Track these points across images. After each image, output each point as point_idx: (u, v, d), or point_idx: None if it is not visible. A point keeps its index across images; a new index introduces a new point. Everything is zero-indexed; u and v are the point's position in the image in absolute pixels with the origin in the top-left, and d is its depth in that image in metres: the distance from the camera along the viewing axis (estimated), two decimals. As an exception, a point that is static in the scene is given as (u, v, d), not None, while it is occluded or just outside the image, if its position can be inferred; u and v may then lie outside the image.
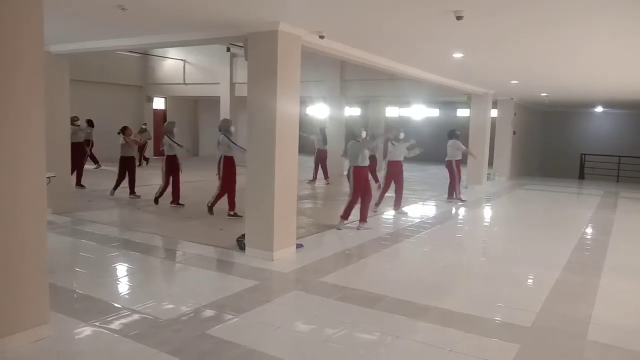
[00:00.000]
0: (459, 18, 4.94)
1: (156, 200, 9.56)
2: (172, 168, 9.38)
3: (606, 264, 6.40)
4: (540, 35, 6.09)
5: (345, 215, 8.02)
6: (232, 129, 8.65)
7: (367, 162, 7.90)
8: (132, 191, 10.36)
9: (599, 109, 20.94)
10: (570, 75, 9.52)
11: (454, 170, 11.17)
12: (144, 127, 16.64)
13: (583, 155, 20.03)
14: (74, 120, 11.40)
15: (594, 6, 4.64)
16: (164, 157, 9.45)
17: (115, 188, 10.47)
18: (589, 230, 8.89)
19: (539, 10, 4.91)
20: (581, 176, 19.63)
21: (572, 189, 15.91)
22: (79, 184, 11.52)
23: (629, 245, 7.73)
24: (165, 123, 9.85)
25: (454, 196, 11.29)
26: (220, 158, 8.48)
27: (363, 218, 8.00)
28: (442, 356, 3.65)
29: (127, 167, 10.39)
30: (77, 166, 11.17)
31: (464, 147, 11.42)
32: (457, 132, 11.38)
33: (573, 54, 7.16)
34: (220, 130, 8.62)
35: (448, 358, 3.62)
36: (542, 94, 14.59)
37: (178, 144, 9.43)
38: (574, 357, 3.73)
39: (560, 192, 14.49)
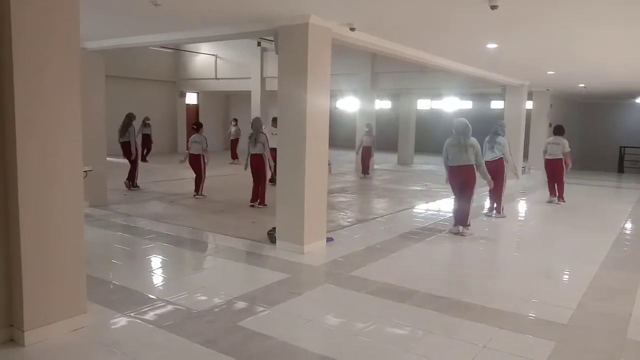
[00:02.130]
0: (493, 7, 4.83)
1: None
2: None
3: (647, 260, 6.19)
4: (580, 23, 5.90)
5: (466, 220, 7.28)
6: (264, 127, 8.86)
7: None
8: (198, 189, 9.91)
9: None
10: (612, 63, 9.17)
11: (563, 169, 10.29)
12: (147, 121, 16.08)
13: (622, 148, 19.37)
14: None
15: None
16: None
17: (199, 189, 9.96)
18: (628, 225, 8.60)
19: (577, 1, 4.77)
20: (620, 169, 19.00)
21: (611, 182, 15.42)
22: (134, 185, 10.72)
23: (671, 241, 7.45)
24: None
25: (559, 197, 10.60)
26: (262, 155, 8.87)
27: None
28: (474, 352, 3.59)
29: (196, 165, 9.90)
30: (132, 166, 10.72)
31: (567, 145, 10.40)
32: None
33: (615, 39, 6.88)
34: (252, 128, 8.97)
35: (481, 354, 3.57)
36: (580, 85, 14.15)
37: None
38: (612, 356, 3.61)
39: (599, 186, 14.06)
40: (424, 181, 13.67)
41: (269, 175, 9.18)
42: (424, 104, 23.81)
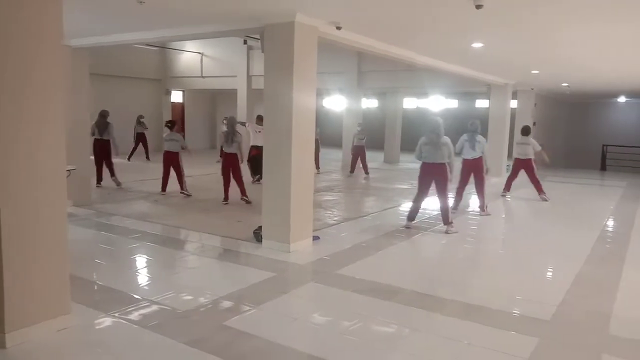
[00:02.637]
0: (478, 7, 4.85)
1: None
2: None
3: (628, 257, 6.28)
4: (564, 23, 5.96)
5: (447, 218, 7.41)
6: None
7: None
8: (181, 187, 9.89)
9: (622, 99, 20.48)
10: (595, 62, 9.28)
11: (533, 168, 10.57)
12: (141, 119, 16.32)
13: (605, 147, 19.65)
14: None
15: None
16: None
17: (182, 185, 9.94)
18: (611, 223, 8.73)
19: (561, 2, 4.82)
20: (603, 167, 19.28)
21: (594, 180, 15.63)
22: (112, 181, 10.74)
23: (652, 238, 7.58)
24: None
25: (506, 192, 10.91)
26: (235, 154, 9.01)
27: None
28: (459, 349, 3.62)
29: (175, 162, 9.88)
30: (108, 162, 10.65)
31: (538, 145, 10.67)
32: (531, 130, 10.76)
33: (599, 39, 6.96)
34: (227, 127, 9.17)
35: (466, 351, 3.60)
36: (564, 84, 14.32)
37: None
38: (595, 351, 3.67)
39: (582, 184, 14.25)
40: (411, 180, 13.68)
41: (247, 173, 9.37)
42: (410, 103, 23.91)
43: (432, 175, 7.32)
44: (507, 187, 11.10)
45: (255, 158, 11.42)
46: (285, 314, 4.20)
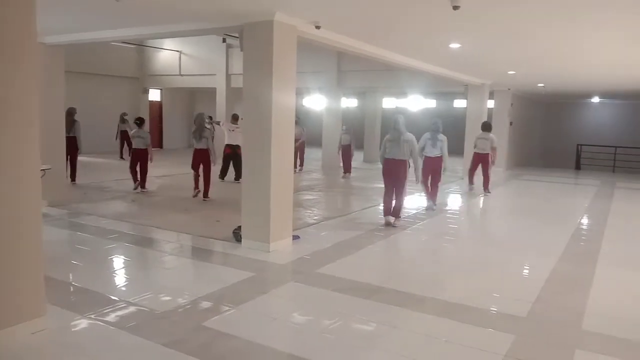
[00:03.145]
0: (455, 8, 4.91)
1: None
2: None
3: (602, 253, 6.43)
4: (539, 25, 6.07)
5: (394, 212, 7.68)
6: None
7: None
8: (142, 185, 10.14)
9: (596, 100, 20.94)
10: (569, 64, 9.47)
11: (488, 163, 11.09)
12: (125, 117, 16.08)
13: (579, 146, 20.06)
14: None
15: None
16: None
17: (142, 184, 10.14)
18: (585, 221, 8.92)
19: (537, 2, 4.90)
20: (577, 167, 19.69)
21: (569, 179, 15.95)
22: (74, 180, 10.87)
23: (624, 235, 7.77)
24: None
25: (487, 189, 11.23)
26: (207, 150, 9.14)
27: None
28: (438, 346, 3.66)
29: (142, 159, 10.07)
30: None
31: (495, 140, 11.22)
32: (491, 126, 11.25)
33: (573, 42, 7.12)
34: (195, 123, 9.32)
35: (444, 348, 3.64)
36: (539, 85, 14.56)
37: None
38: (569, 347, 3.74)
39: (557, 183, 14.52)
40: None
41: (217, 170, 9.42)
42: (389, 103, 24.05)
43: (394, 170, 7.51)
44: (470, 180, 11.56)
45: (229, 157, 11.40)
46: (265, 314, 4.19)
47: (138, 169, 10.03)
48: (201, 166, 9.39)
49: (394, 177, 7.56)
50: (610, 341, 3.83)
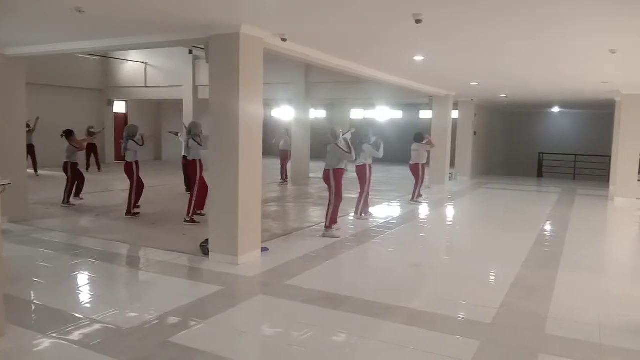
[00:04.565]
0: (418, 22, 5.03)
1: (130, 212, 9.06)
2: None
3: (563, 259, 6.62)
4: (499, 39, 6.27)
5: (334, 220, 7.77)
6: (201, 132, 8.71)
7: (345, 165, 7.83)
8: (77, 193, 10.12)
9: (556, 109, 21.64)
10: (529, 76, 9.79)
11: (419, 173, 11.32)
12: (91, 130, 15.69)
13: (541, 154, 20.67)
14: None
15: (550, 15, 4.82)
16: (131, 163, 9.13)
17: (67, 196, 9.93)
18: (547, 227, 9.17)
19: (497, 17, 5.07)
20: (540, 174, 20.26)
21: (532, 187, 16.39)
22: None
23: (585, 241, 8.02)
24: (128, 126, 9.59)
25: (416, 197, 11.42)
26: (197, 162, 8.54)
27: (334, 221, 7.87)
28: (405, 355, 3.71)
29: (70, 172, 10.01)
30: None
31: (429, 147, 11.52)
32: (423, 135, 11.48)
33: (533, 55, 7.36)
34: (189, 134, 8.70)
35: (411, 356, 3.69)
36: (501, 95, 14.98)
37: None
38: (532, 351, 3.84)
39: (520, 191, 14.90)
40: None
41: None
42: (357, 114, 24.30)
43: (324, 179, 7.84)
44: (413, 194, 11.61)
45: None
46: (233, 328, 4.16)
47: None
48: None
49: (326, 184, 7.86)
50: (572, 344, 3.95)
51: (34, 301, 4.70)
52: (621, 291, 5.47)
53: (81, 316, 4.28)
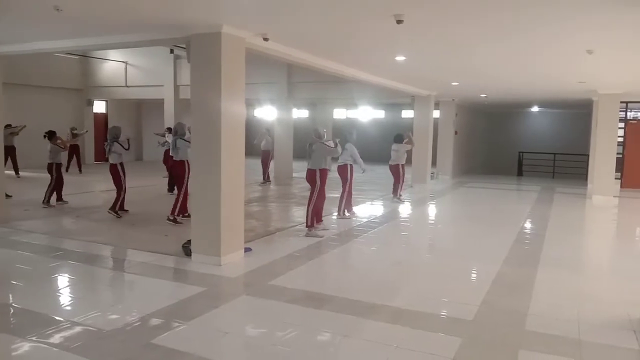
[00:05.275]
0: (399, 22, 5.07)
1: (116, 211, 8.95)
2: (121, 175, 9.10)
3: (543, 256, 6.74)
4: (480, 39, 6.34)
5: (319, 219, 7.83)
6: (187, 133, 8.62)
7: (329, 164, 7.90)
8: (59, 197, 10.01)
9: (535, 109, 21.97)
10: (509, 75, 9.91)
11: (399, 173, 11.41)
12: (74, 131, 15.48)
13: (521, 153, 20.96)
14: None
15: (528, 17, 4.89)
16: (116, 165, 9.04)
17: (49, 196, 9.87)
18: (527, 225, 9.31)
19: (476, 18, 5.13)
20: (520, 173, 20.54)
21: (512, 185, 16.61)
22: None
23: (564, 238, 8.16)
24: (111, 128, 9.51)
25: (398, 195, 11.52)
26: (185, 163, 8.48)
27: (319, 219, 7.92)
28: (388, 353, 3.73)
29: (54, 173, 9.95)
30: None
31: (409, 147, 11.62)
32: (403, 136, 11.57)
33: (512, 55, 7.47)
34: (175, 135, 8.69)
35: (394, 354, 3.71)
36: (482, 95, 15.14)
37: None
38: (513, 347, 3.90)
39: (501, 189, 15.09)
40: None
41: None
42: (340, 113, 24.36)
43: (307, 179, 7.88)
44: (395, 192, 11.72)
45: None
46: (217, 329, 4.15)
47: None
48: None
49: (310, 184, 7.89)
50: (551, 340, 4.02)
51: (13, 304, 4.62)
52: (599, 287, 5.59)
53: (61, 319, 4.23)
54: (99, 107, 20.34)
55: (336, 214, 9.34)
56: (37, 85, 17.27)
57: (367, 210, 10.44)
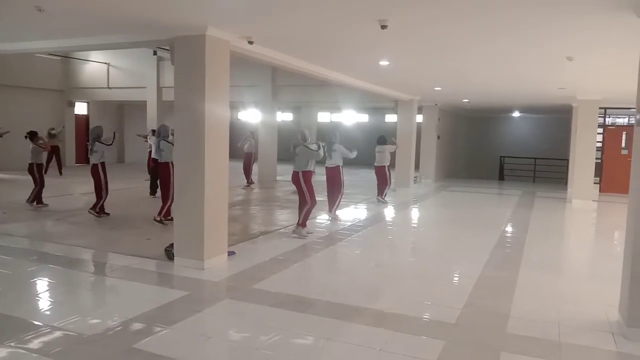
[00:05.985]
0: (383, 27, 5.10)
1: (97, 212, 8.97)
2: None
3: (524, 259, 6.82)
4: (463, 45, 6.41)
5: (304, 222, 7.85)
6: (171, 135, 8.58)
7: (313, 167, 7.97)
8: (39, 200, 9.89)
9: (516, 114, 22.26)
10: (491, 80, 10.05)
11: (385, 175, 11.52)
12: (52, 132, 15.21)
13: (502, 158, 21.22)
14: None
15: (508, 21, 4.96)
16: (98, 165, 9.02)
17: (33, 196, 9.83)
18: (509, 228, 9.42)
19: (458, 24, 5.19)
20: (501, 177, 20.79)
21: (493, 189, 16.80)
22: None
23: (544, 241, 8.26)
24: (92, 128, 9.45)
25: (383, 196, 11.61)
26: (169, 165, 8.41)
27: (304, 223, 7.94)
28: (372, 356, 3.74)
29: (36, 174, 9.90)
30: None
31: (392, 148, 11.76)
32: (386, 138, 11.70)
33: (494, 61, 7.58)
34: (159, 136, 8.70)
35: (378, 358, 3.72)
36: (464, 100, 15.32)
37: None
38: (494, 350, 3.94)
39: (483, 193, 15.25)
40: (324, 191, 13.96)
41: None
42: (324, 117, 24.41)
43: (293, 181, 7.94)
44: (380, 192, 11.88)
45: (155, 171, 11.11)
46: (199, 333, 4.12)
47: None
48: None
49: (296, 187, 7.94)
50: (532, 342, 4.06)
51: (-10, 309, 4.53)
52: (578, 290, 5.67)
53: (41, 324, 4.16)
54: (81, 108, 20.10)
55: (327, 214, 9.49)
56: (17, 86, 16.99)
57: (351, 213, 10.47)
